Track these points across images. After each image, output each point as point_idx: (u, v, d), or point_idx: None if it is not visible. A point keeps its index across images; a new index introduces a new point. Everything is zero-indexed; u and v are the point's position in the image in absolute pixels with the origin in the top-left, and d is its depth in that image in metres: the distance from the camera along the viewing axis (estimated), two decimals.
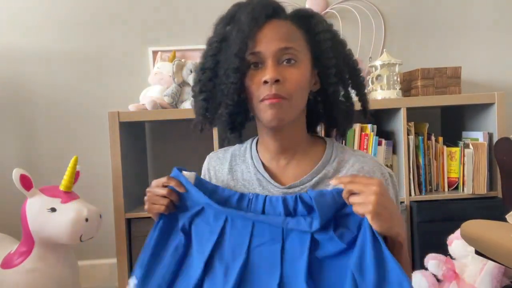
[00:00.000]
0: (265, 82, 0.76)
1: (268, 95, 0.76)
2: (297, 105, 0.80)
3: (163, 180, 0.83)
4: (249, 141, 0.93)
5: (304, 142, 0.87)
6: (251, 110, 0.84)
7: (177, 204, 0.83)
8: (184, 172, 0.82)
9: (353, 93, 0.89)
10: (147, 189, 0.84)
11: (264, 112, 0.78)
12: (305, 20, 0.82)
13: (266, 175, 0.85)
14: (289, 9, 0.84)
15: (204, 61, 0.83)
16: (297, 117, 0.82)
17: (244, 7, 0.80)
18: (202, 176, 0.94)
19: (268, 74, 0.75)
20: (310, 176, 0.84)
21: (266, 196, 0.80)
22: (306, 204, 0.76)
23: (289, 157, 0.86)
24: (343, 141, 1.35)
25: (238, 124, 0.89)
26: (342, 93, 0.88)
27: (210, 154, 0.97)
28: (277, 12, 0.80)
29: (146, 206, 0.84)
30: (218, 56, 0.80)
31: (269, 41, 0.77)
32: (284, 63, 0.77)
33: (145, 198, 0.84)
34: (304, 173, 0.84)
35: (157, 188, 0.82)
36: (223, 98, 0.79)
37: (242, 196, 0.81)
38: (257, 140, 0.92)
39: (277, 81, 0.75)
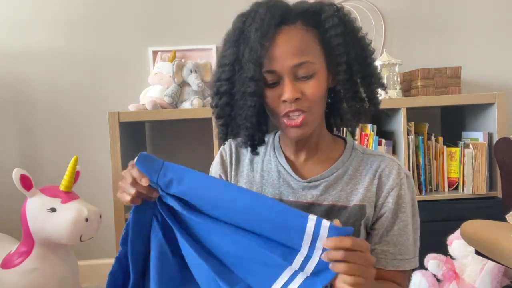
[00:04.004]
0: (285, 101, 0.76)
1: (289, 111, 0.77)
2: (317, 114, 0.80)
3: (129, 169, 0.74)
4: (271, 134, 0.94)
5: (324, 139, 0.88)
6: (271, 118, 0.83)
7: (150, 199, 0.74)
8: None
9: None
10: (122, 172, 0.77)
11: (286, 130, 0.80)
12: (315, 17, 0.78)
13: (287, 167, 0.87)
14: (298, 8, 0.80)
15: (219, 85, 0.80)
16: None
17: (251, 20, 0.76)
18: (222, 159, 0.93)
19: (286, 93, 0.75)
20: (330, 171, 0.85)
21: None
22: None
23: (309, 153, 0.87)
24: None
25: (258, 140, 0.87)
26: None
27: (230, 141, 0.94)
28: (286, 17, 0.76)
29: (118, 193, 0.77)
30: (233, 78, 0.78)
31: (283, 57, 0.75)
32: (301, 77, 0.76)
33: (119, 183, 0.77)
34: (324, 169, 0.86)
35: (128, 174, 0.74)
36: (242, 122, 0.79)
37: None
38: (280, 132, 0.92)
39: (296, 99, 0.76)
